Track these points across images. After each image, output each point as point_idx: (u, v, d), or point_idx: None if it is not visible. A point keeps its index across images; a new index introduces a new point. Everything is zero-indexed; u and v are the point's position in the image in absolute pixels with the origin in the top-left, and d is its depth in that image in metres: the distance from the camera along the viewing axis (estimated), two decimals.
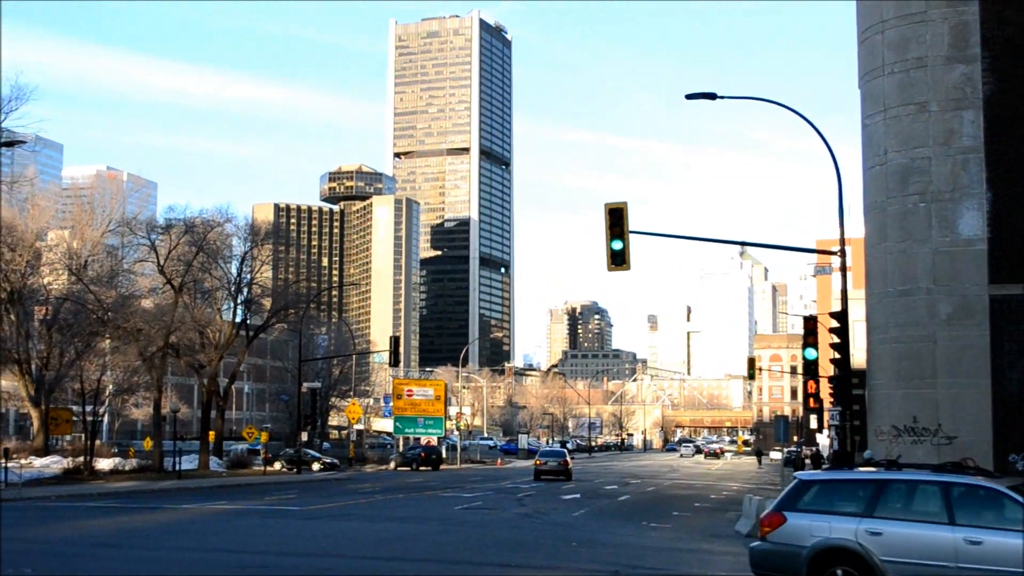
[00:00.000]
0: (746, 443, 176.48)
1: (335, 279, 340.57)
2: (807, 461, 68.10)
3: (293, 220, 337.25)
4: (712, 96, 30.22)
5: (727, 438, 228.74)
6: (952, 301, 27.14)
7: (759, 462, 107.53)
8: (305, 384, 75.18)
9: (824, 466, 49.26)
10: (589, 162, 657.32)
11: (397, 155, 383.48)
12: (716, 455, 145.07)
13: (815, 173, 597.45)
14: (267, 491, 46.29)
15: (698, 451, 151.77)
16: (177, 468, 57.09)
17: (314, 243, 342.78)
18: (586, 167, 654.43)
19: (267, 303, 73.11)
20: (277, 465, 71.16)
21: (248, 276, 69.98)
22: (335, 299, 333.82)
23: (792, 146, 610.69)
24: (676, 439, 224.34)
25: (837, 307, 32.33)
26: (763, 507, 27.53)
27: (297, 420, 70.98)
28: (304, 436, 73.32)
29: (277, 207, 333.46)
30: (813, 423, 64.77)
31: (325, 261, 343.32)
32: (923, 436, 27.16)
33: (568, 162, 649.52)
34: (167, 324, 60.69)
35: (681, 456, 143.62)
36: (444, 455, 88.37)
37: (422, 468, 75.14)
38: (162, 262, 63.01)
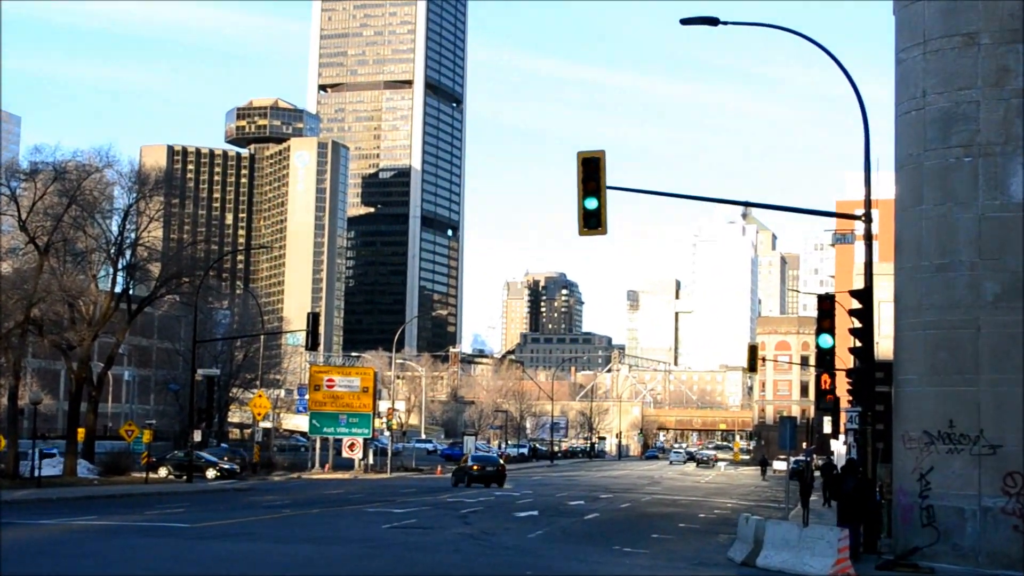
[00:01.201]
0: (745, 451, 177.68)
1: (241, 240, 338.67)
2: (817, 474, 68.43)
3: (191, 166, 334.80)
4: (713, 21, 29.97)
5: (723, 443, 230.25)
6: (1001, 278, 27.12)
7: (763, 474, 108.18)
8: (200, 371, 74.52)
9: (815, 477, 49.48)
10: (559, 101, 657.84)
11: (323, 88, 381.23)
12: (708, 464, 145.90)
13: (836, 119, 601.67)
14: (149, 503, 45.83)
15: (691, 459, 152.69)
16: (36, 474, 56.38)
17: (216, 195, 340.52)
18: (556, 108, 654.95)
19: (155, 269, 72.34)
20: (163, 471, 70.60)
21: (132, 235, 69.13)
22: (241, 265, 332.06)
23: (809, 86, 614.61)
24: (658, 443, 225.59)
25: (859, 284, 32.27)
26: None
27: (189, 416, 70.35)
28: (197, 436, 72.80)
29: (171, 150, 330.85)
30: (827, 427, 65.15)
31: (230, 218, 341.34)
32: (961, 444, 27.19)
33: (534, 101, 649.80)
34: (28, 293, 59.82)
35: (671, 464, 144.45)
36: (371, 460, 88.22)
37: (341, 475, 75.26)
38: (24, 216, 61.98)
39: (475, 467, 69.97)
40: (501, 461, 73.81)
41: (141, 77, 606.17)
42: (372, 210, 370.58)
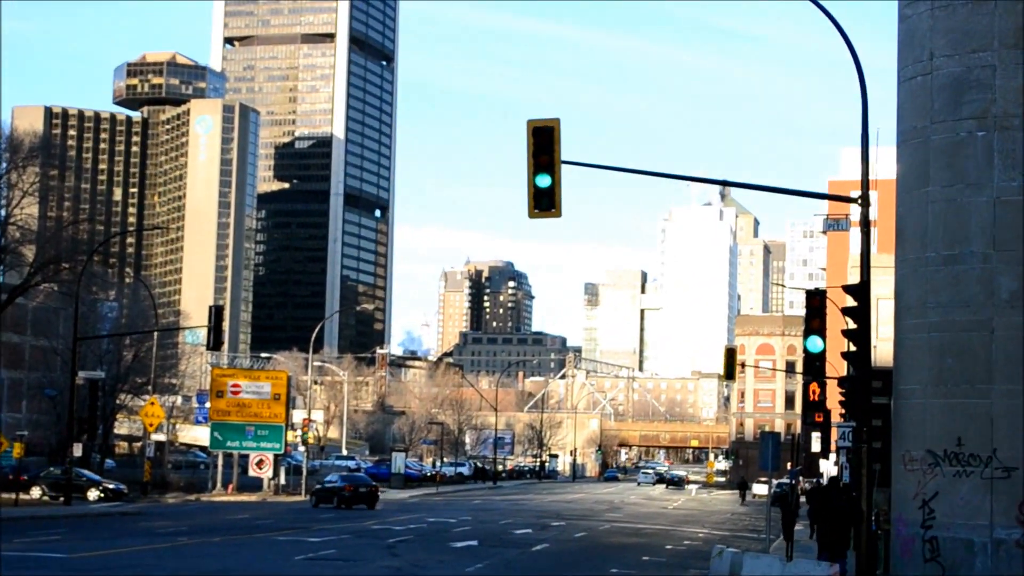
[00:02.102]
0: (721, 472, 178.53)
1: (132, 220, 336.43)
2: (803, 499, 68.81)
3: (72, 132, 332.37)
4: None
5: (694, 463, 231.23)
6: (1018, 273, 27.21)
7: (742, 498, 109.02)
8: (82, 373, 73.87)
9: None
10: (507, 62, 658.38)
11: (228, 41, 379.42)
12: (678, 486, 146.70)
13: (831, 87, 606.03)
14: (18, 529, 45.37)
15: (663, 480, 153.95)
16: None
17: (103, 166, 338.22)
18: (503, 69, 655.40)
19: (29, 253, 71.82)
20: (36, 491, 70.08)
21: (2, 212, 68.44)
22: (131, 249, 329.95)
23: (800, 47, 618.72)
24: (621, 462, 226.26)
25: (855, 278, 32.38)
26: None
27: (68, 426, 69.80)
28: (78, 450, 72.06)
29: (49, 112, 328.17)
30: (816, 444, 65.47)
31: (118, 193, 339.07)
32: (970, 466, 27.25)
33: (477, 60, 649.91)
34: None
35: (639, 485, 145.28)
36: (283, 480, 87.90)
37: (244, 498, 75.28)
38: None
39: (348, 487, 72.52)
40: (373, 482, 77.28)
41: (13, 26, 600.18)
42: (287, 186, 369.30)
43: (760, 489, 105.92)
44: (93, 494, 70.37)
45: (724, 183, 36.41)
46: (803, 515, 57.56)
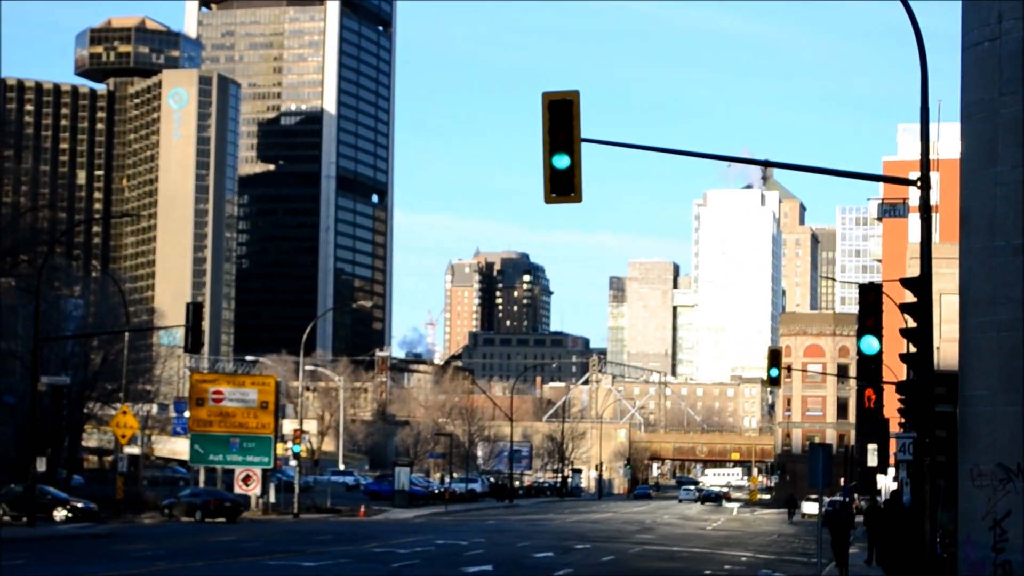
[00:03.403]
0: (765, 488, 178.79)
1: (98, 206, 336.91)
2: (859, 519, 69.02)
3: (29, 106, 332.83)
4: None
5: (736, 476, 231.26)
6: None
7: (790, 516, 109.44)
8: (44, 379, 74.11)
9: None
10: (522, 26, 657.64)
11: (205, 4, 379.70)
12: (715, 501, 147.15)
13: (886, 54, 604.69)
14: None
15: (708, 498, 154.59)
16: None
17: (64, 145, 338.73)
18: (517, 35, 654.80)
19: None
20: None
21: None
22: (98, 240, 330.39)
23: (853, 9, 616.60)
24: (653, 477, 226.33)
25: (914, 271, 32.50)
26: None
27: (31, 438, 70.06)
28: (42, 465, 72.49)
29: (3, 84, 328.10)
30: (872, 458, 65.53)
31: (82, 176, 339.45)
32: None
33: (488, 25, 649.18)
34: None
35: (680, 502, 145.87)
36: (272, 498, 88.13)
37: (217, 520, 75.76)
38: None
39: (213, 502, 77.80)
40: (234, 497, 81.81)
41: None
42: (272, 167, 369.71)
43: (810, 508, 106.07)
44: (60, 514, 70.43)
45: (766, 163, 36.48)
46: (860, 536, 57.84)
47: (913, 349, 30.40)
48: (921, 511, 33.25)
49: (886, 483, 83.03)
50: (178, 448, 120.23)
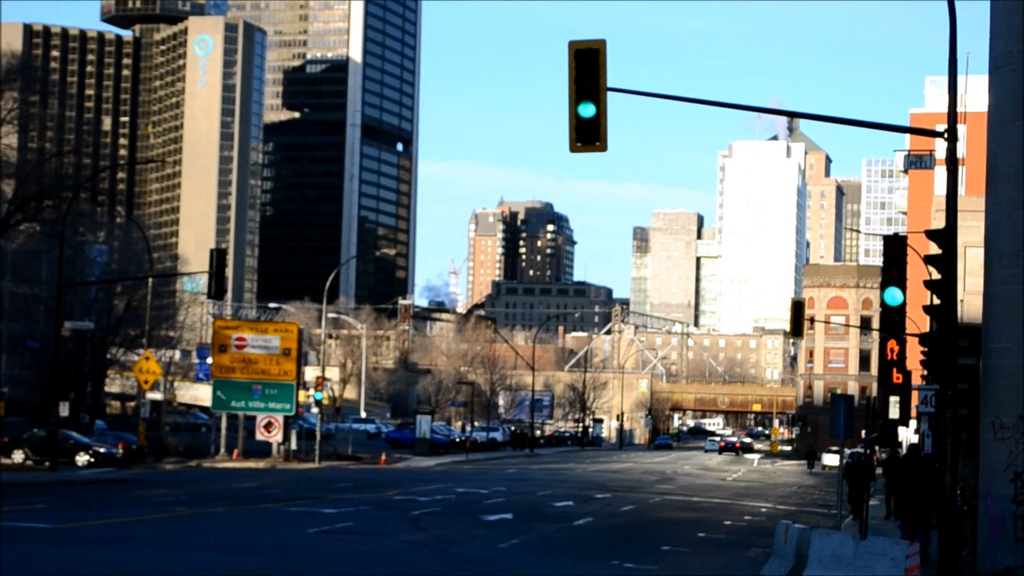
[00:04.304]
0: (786, 440, 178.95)
1: (123, 152, 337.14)
2: (879, 471, 68.98)
3: (56, 52, 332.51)
4: None
5: (757, 429, 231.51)
6: None
7: (810, 467, 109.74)
8: (68, 324, 74.22)
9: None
10: None
11: None
12: (735, 450, 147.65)
13: (914, 4, 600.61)
14: None
15: (730, 449, 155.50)
16: None
17: (89, 92, 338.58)
18: None
19: (8, 188, 72.02)
20: (18, 455, 70.28)
21: None
22: (122, 186, 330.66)
23: None
24: (675, 428, 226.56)
25: (940, 223, 32.35)
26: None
27: (53, 383, 70.24)
28: (64, 410, 72.55)
29: (29, 30, 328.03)
30: (894, 410, 65.32)
31: (107, 122, 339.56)
32: None
33: None
34: None
35: (705, 452, 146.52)
36: (293, 444, 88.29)
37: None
38: None
39: None
40: None
41: None
42: (297, 115, 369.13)
43: (831, 459, 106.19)
44: (82, 459, 70.59)
45: (792, 114, 36.32)
46: (881, 489, 57.78)
47: (937, 301, 30.23)
48: (942, 464, 33.15)
49: (907, 436, 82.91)
50: (200, 394, 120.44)
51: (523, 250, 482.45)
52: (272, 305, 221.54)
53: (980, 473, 30.03)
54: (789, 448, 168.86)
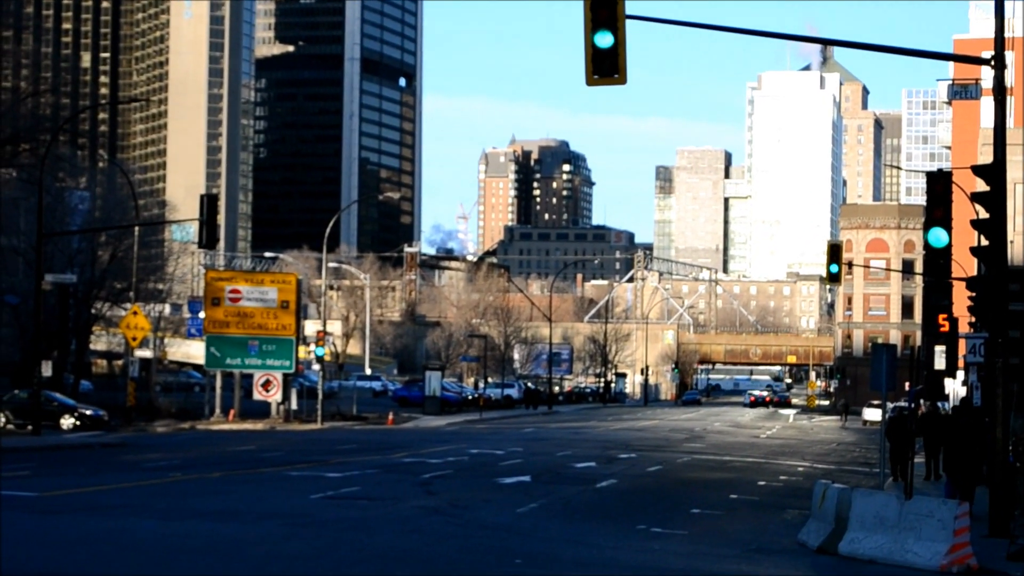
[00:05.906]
0: (824, 393, 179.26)
1: (105, 91, 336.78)
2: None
3: None
4: None
5: (786, 381, 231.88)
6: None
7: (844, 419, 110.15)
8: (49, 277, 74.21)
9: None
10: None
11: None
12: (766, 405, 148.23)
13: None
14: None
15: (761, 403, 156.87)
16: None
17: (66, 25, 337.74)
18: None
19: None
20: None
21: None
22: (104, 127, 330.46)
23: None
24: (702, 382, 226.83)
25: (987, 158, 32.24)
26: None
27: (35, 341, 70.36)
28: (47, 369, 72.72)
29: None
30: (940, 360, 65.31)
31: (86, 58, 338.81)
32: None
33: None
34: None
35: (746, 407, 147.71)
36: (293, 404, 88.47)
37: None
38: None
39: None
40: None
41: None
42: (291, 49, 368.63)
43: (872, 414, 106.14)
44: (67, 422, 70.63)
45: (826, 41, 36.26)
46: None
47: (985, 242, 30.19)
48: (992, 417, 33.16)
49: (954, 387, 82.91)
50: (193, 351, 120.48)
51: (537, 192, 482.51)
52: (268, 254, 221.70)
53: None
54: (827, 403, 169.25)
